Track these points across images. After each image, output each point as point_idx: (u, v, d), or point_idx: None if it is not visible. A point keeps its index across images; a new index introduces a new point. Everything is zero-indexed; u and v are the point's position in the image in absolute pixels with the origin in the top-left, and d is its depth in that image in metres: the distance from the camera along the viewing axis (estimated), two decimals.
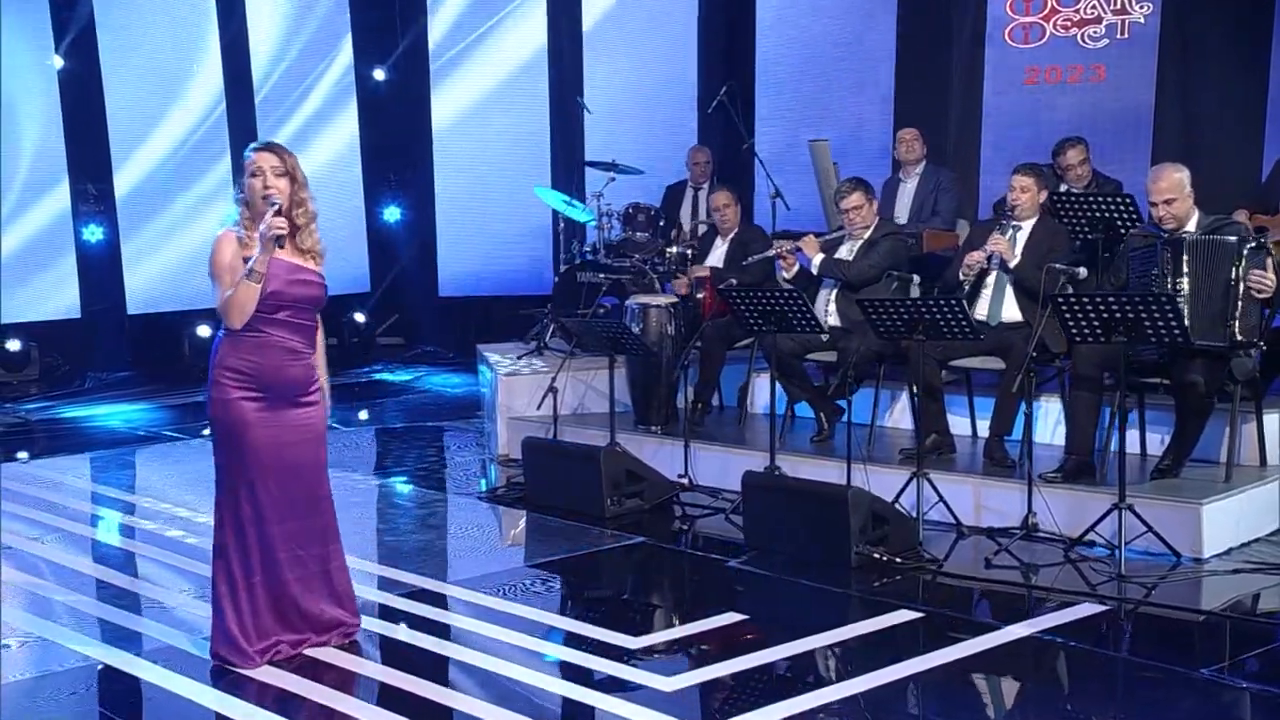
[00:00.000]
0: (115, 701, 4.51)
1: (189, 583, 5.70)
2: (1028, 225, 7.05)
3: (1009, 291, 7.00)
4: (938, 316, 6.31)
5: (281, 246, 4.66)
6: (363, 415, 10.12)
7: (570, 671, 4.74)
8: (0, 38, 10.47)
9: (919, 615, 5.29)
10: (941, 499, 6.47)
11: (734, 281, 7.55)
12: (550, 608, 5.46)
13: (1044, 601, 5.50)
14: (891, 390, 7.70)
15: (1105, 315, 5.85)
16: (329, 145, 12.36)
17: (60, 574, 5.92)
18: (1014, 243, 7.01)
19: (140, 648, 4.91)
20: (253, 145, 4.81)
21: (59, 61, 11.13)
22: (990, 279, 7.07)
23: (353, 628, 4.93)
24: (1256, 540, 6.23)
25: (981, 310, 7.11)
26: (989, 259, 6.93)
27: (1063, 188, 7.87)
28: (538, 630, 5.12)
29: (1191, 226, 6.38)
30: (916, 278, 7.62)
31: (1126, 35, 9.45)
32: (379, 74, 12.71)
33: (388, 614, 5.32)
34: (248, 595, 4.68)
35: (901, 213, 8.56)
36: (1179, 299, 6.05)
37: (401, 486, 7.69)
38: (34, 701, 4.43)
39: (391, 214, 12.89)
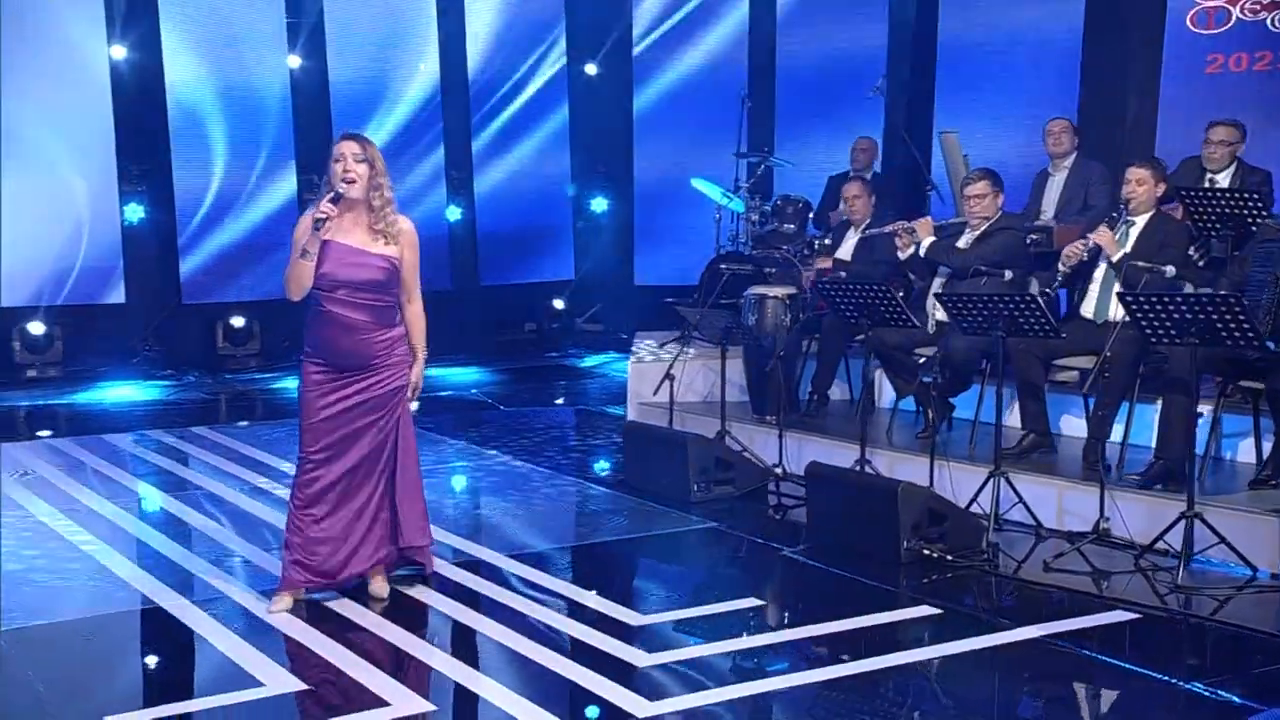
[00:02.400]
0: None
1: None
2: (1142, 220, 6.81)
3: (1116, 289, 6.78)
4: (1015, 313, 6.22)
5: (319, 229, 5.06)
6: (527, 396, 10.61)
7: (557, 640, 4.99)
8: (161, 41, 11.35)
9: (936, 611, 5.30)
10: (1021, 500, 6.39)
11: (842, 275, 7.58)
12: (579, 581, 5.72)
13: (1078, 606, 5.38)
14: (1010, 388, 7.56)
15: (1176, 316, 5.66)
16: (539, 137, 12.97)
17: (239, 522, 6.63)
18: (1126, 238, 6.80)
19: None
20: (340, 134, 5.27)
21: (295, 61, 12.09)
22: (1098, 275, 6.88)
23: (383, 555, 5.39)
24: None
25: (1089, 307, 6.94)
26: (1088, 252, 6.74)
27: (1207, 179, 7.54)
28: (553, 601, 5.42)
29: None
30: (1034, 277, 7.43)
31: None
32: (590, 68, 13.20)
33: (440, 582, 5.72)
34: (299, 526, 5.23)
35: (1049, 206, 8.34)
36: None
37: (517, 463, 8.08)
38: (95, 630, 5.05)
39: (599, 204, 13.36)
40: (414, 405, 5.47)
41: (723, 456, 7.13)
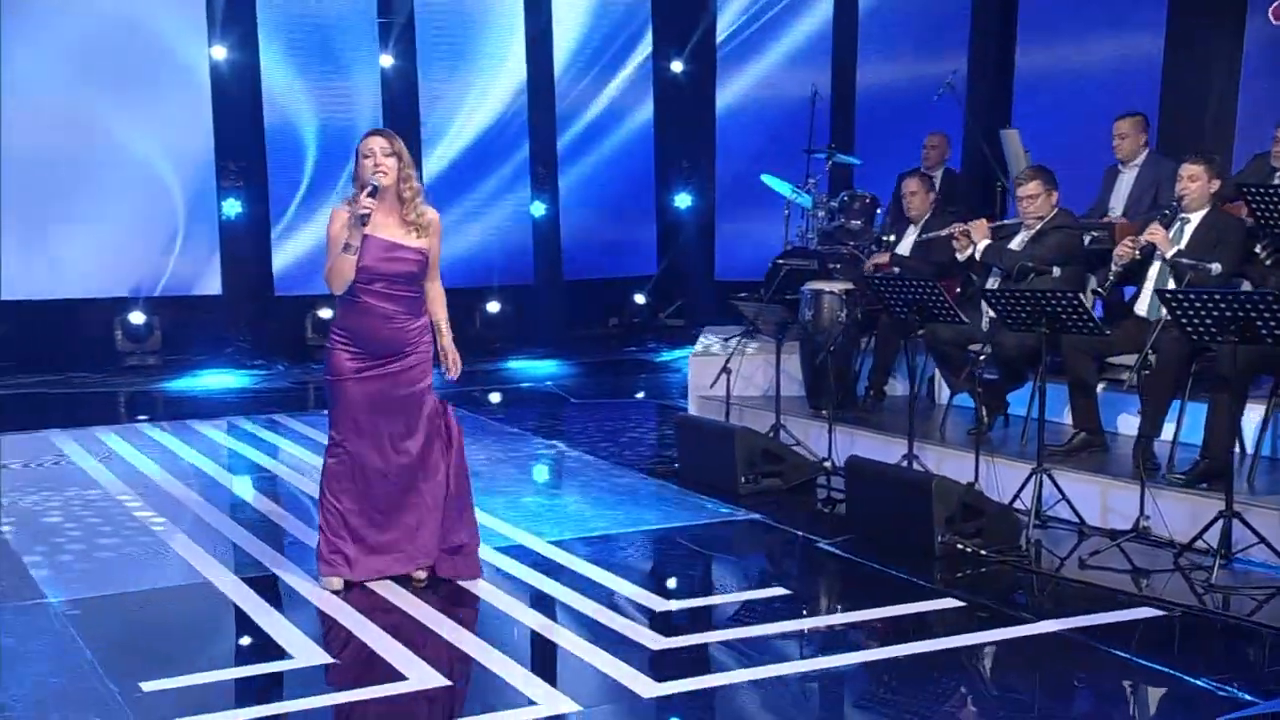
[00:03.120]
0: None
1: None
2: (1196, 217, 6.75)
3: (1170, 287, 6.72)
4: (1059, 309, 6.21)
5: (364, 224, 5.27)
6: (600, 389, 10.78)
7: (580, 622, 5.13)
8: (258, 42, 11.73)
9: (960, 604, 5.34)
10: (1064, 497, 6.38)
11: (895, 270, 7.60)
12: (614, 568, 5.84)
13: (1106, 602, 5.38)
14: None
15: (1216, 313, 5.62)
16: (623, 134, 13.15)
17: (302, 506, 6.89)
18: (1180, 235, 6.74)
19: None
20: (366, 132, 5.46)
21: (387, 60, 12.42)
22: (1152, 273, 6.83)
23: (426, 562, 5.55)
24: None
25: (1142, 305, 6.89)
26: (1141, 251, 6.69)
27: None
28: (580, 584, 5.57)
29: None
30: (1093, 275, 7.38)
31: None
32: (676, 65, 13.33)
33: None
34: (337, 513, 5.43)
35: (1118, 203, 8.25)
36: None
37: (576, 454, 8.25)
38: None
39: (682, 200, 13.49)
40: (453, 375, 5.59)
41: (771, 449, 7.21)
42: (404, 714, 4.34)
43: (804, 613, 5.35)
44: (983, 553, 5.93)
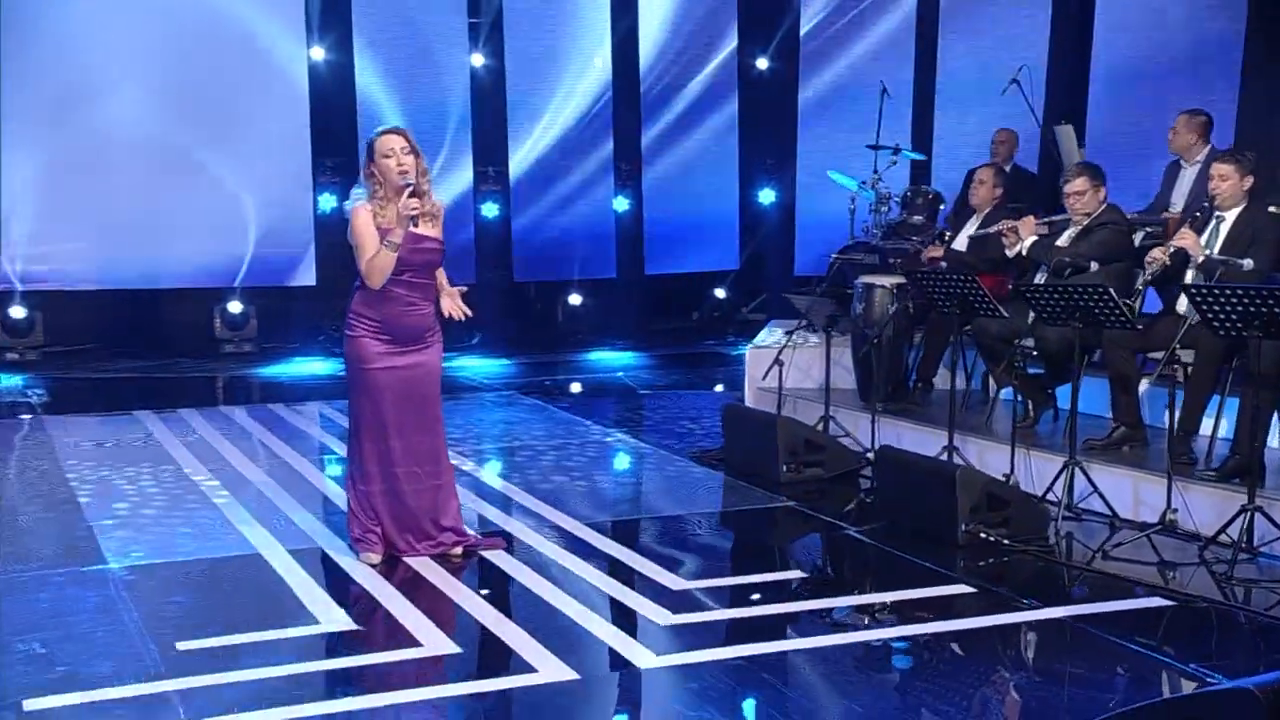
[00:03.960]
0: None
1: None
2: (1232, 214, 6.76)
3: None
4: (1092, 304, 6.29)
5: (416, 225, 5.59)
6: (671, 380, 11.04)
7: (595, 598, 5.37)
8: (353, 43, 12.12)
9: (969, 590, 5.46)
10: (1096, 490, 6.45)
11: (942, 264, 7.70)
12: (640, 549, 6.07)
13: (1117, 592, 5.46)
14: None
15: (1240, 308, 5.66)
16: (708, 130, 13.37)
17: None
18: (1216, 232, 6.75)
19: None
20: (377, 130, 5.76)
21: (478, 59, 12.79)
22: (1190, 273, 6.84)
23: (462, 541, 5.84)
24: None
25: (1183, 303, 6.89)
26: (1171, 256, 6.70)
27: None
28: (604, 563, 5.81)
29: None
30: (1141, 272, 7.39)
31: None
32: (762, 63, 13.50)
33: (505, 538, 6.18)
34: (365, 496, 5.75)
35: (1178, 200, 8.25)
36: None
37: (633, 441, 8.49)
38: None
39: (766, 196, 13.66)
40: (460, 316, 5.88)
41: (812, 439, 7.36)
42: (411, 676, 4.61)
43: (812, 594, 5.52)
44: (1005, 542, 6.03)
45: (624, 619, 5.12)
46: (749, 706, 4.40)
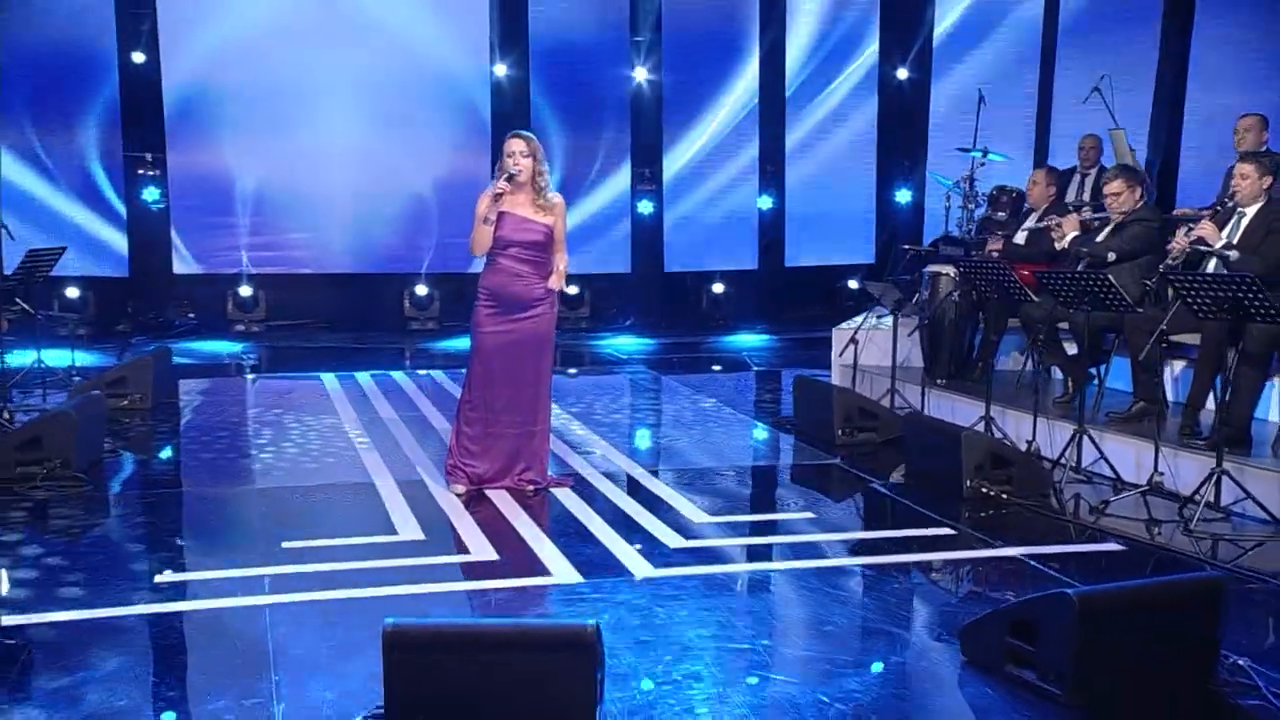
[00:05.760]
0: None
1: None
2: (1251, 210, 7.37)
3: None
4: (1096, 290, 7.04)
5: (499, 201, 6.76)
6: (782, 359, 12.28)
7: (625, 523, 6.44)
8: (529, 59, 13.47)
9: (949, 532, 6.33)
10: (1102, 456, 7.20)
11: (993, 255, 8.48)
12: (683, 490, 7.10)
13: (1081, 537, 6.26)
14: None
15: (1212, 294, 6.37)
16: (848, 134, 14.35)
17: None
18: (1237, 226, 7.38)
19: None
20: (510, 133, 6.95)
21: (641, 74, 14.03)
22: (1211, 264, 7.48)
23: (536, 481, 7.00)
24: None
25: None
26: (1191, 245, 7.36)
27: None
28: (648, 500, 6.88)
29: None
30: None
31: None
32: (902, 73, 14.36)
33: (579, 482, 7.30)
34: (464, 438, 6.98)
35: None
36: None
37: (720, 406, 9.64)
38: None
39: (903, 196, 14.49)
40: (558, 285, 6.92)
41: (866, 407, 8.27)
42: (453, 573, 5.78)
43: (809, 530, 6.47)
44: (1005, 496, 6.85)
45: (642, 540, 6.18)
46: (717, 606, 5.38)
